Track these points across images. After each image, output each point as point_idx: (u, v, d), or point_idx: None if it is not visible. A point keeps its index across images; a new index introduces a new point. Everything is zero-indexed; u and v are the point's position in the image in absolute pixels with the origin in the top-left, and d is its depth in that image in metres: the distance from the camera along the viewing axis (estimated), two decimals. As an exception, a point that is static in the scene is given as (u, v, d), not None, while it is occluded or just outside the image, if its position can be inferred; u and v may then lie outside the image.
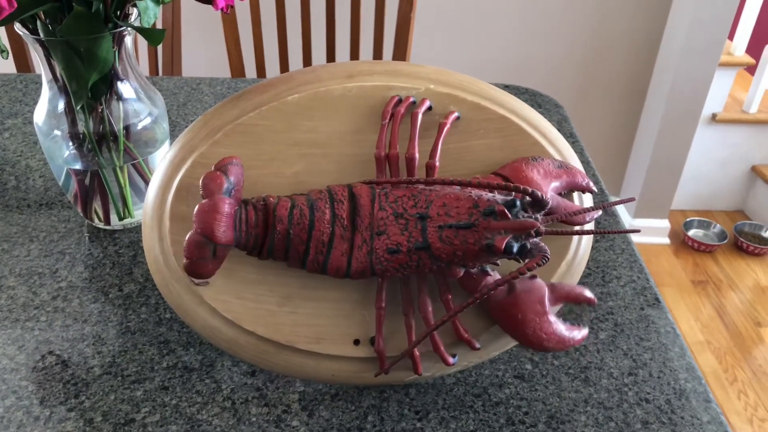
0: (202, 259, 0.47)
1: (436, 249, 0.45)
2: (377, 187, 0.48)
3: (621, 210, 2.31)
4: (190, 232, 0.47)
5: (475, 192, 0.46)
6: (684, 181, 2.36)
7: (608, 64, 2.05)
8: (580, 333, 0.49)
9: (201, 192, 0.47)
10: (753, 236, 2.31)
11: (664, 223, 2.28)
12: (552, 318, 0.48)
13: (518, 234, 0.44)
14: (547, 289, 0.48)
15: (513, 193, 0.46)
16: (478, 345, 0.50)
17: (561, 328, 0.48)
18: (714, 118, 2.28)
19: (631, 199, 0.49)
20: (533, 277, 0.49)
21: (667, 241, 2.31)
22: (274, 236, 0.47)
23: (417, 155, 0.49)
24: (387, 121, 0.50)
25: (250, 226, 0.47)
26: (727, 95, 2.28)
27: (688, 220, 2.35)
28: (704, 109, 2.20)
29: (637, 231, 0.47)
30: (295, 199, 0.48)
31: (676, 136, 2.06)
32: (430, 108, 0.51)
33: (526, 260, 0.45)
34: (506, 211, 0.44)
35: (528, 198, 0.45)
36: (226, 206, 0.46)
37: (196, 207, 0.46)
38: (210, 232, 0.46)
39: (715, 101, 2.25)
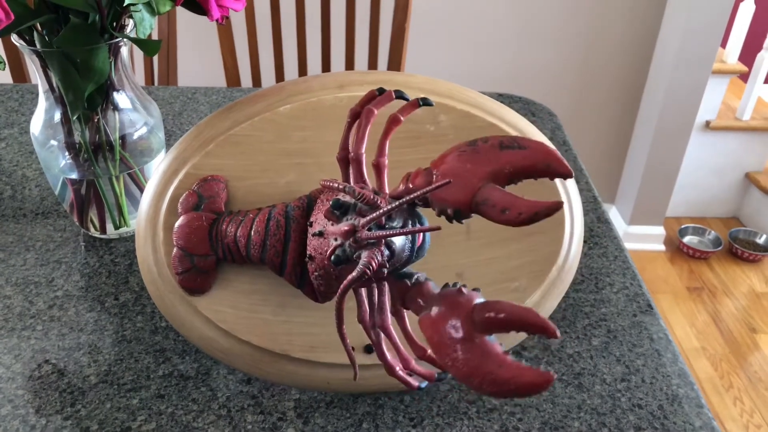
0: (187, 272, 0.49)
1: (319, 260, 0.42)
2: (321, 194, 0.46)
3: (615, 217, 2.31)
4: (174, 249, 0.50)
5: (344, 193, 0.41)
6: (678, 188, 2.37)
7: (602, 72, 2.06)
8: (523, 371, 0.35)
9: (179, 211, 0.50)
10: (747, 243, 2.32)
11: (659, 230, 2.28)
12: (478, 344, 0.36)
13: (344, 240, 0.40)
14: (474, 308, 0.36)
15: (346, 192, 0.40)
16: (416, 383, 0.46)
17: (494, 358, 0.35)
18: (708, 125, 2.29)
19: (447, 182, 0.38)
20: (475, 289, 0.39)
21: (662, 247, 2.31)
22: (249, 247, 0.48)
23: (386, 161, 0.45)
24: (351, 120, 0.45)
25: (221, 236, 0.49)
26: (721, 103, 2.29)
27: (682, 226, 2.36)
28: (698, 116, 2.21)
29: (438, 229, 0.37)
30: (273, 210, 0.48)
31: (671, 143, 2.07)
32: (419, 104, 0.45)
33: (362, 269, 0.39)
34: (331, 213, 0.40)
35: (370, 198, 0.39)
36: (199, 220, 0.49)
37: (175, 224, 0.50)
38: (183, 245, 0.49)
39: (709, 109, 2.26)
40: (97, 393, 0.55)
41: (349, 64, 1.46)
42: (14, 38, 0.59)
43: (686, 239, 2.33)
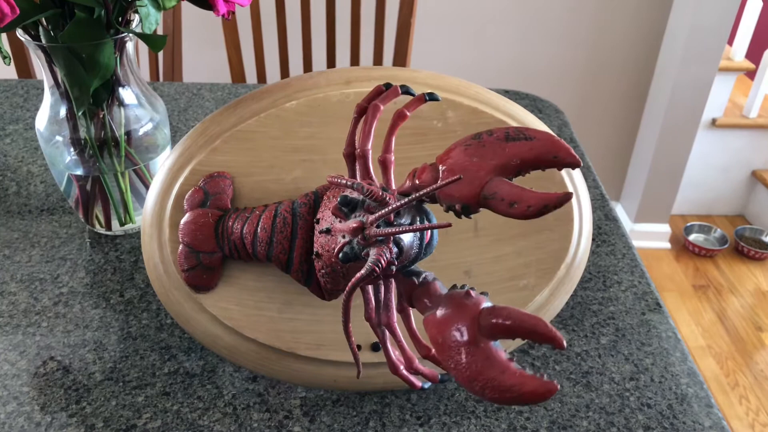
0: (193, 269, 0.49)
1: (327, 258, 0.41)
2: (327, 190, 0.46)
3: (622, 214, 2.31)
4: (180, 246, 0.49)
5: (352, 190, 0.40)
6: (684, 186, 2.36)
7: (609, 70, 2.05)
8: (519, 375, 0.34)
9: (185, 208, 0.50)
10: (754, 241, 2.31)
11: (665, 228, 2.27)
12: (482, 348, 0.35)
13: (352, 237, 0.39)
14: (481, 312, 0.36)
15: (354, 187, 0.39)
16: (419, 383, 0.46)
17: (495, 363, 0.34)
18: (714, 123, 2.28)
19: (458, 178, 0.36)
20: (483, 293, 0.38)
21: (668, 245, 2.30)
22: (256, 244, 0.48)
23: (392, 156, 0.45)
24: (357, 115, 0.45)
25: (227, 233, 0.48)
26: (727, 100, 2.28)
27: (688, 224, 2.35)
28: (704, 114, 2.20)
29: (448, 225, 0.35)
30: (280, 206, 0.48)
31: (677, 140, 2.06)
32: (425, 99, 0.45)
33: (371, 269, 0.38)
34: (339, 209, 0.39)
35: (375, 194, 0.39)
36: (205, 217, 0.49)
37: (181, 221, 0.49)
38: (189, 242, 0.49)
39: (715, 106, 2.25)
40: (103, 390, 0.54)
41: (355, 60, 1.46)
42: (20, 33, 0.59)
43: (692, 237, 2.32)
